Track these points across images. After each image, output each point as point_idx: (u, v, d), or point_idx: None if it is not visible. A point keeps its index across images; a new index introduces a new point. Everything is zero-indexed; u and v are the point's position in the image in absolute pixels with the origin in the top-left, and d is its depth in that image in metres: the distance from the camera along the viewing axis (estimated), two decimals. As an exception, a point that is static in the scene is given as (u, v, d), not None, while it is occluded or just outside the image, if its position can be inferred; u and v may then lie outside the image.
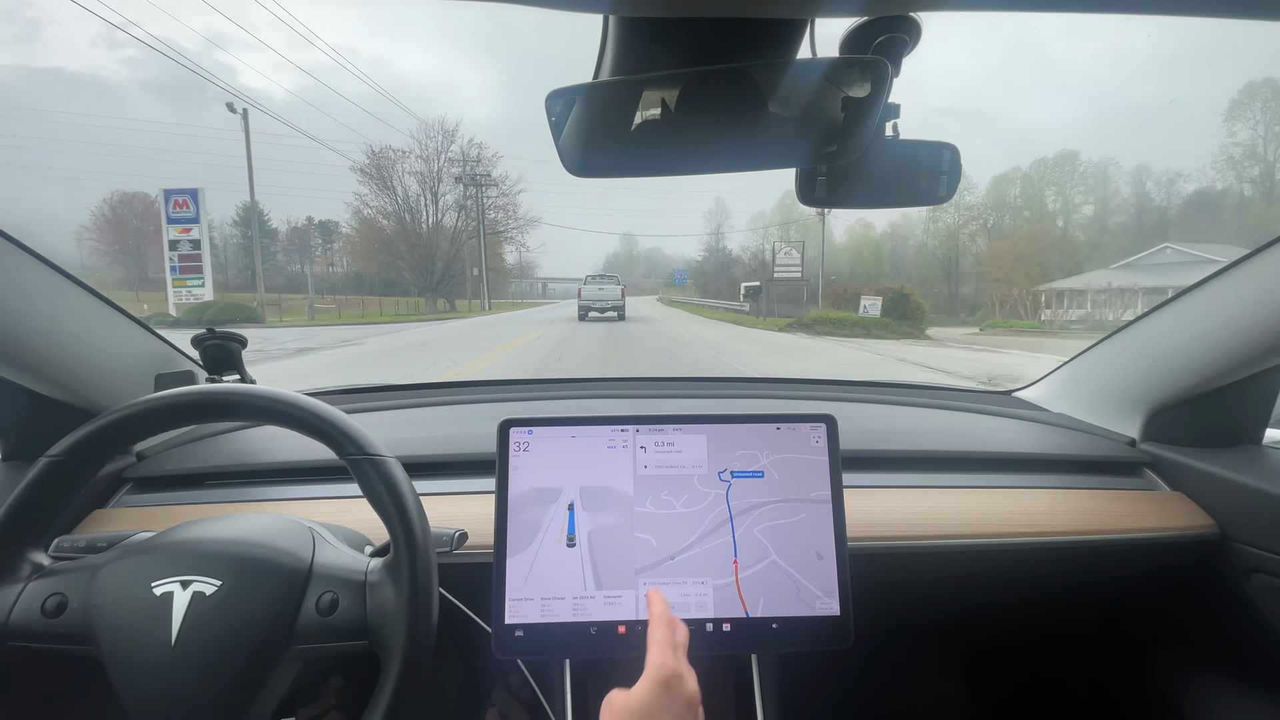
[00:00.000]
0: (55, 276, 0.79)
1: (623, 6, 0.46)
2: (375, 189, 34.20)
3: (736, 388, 1.40)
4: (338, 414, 0.58)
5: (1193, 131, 48.83)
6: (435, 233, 34.47)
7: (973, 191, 36.94)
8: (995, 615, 1.12)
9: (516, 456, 0.73)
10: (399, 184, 34.60)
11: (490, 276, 39.11)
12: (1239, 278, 0.82)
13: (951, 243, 35.49)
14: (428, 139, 35.97)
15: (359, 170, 33.80)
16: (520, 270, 58.00)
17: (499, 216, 37.42)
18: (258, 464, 0.95)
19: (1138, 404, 1.01)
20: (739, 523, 0.72)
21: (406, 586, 0.54)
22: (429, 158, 34.87)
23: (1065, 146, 44.10)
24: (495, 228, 36.71)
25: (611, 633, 0.69)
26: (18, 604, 0.54)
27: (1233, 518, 0.87)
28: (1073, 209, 35.62)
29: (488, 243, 36.09)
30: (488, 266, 36.23)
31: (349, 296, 37.63)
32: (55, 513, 0.57)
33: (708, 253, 53.72)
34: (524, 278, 55.62)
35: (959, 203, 35.21)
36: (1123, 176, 35.67)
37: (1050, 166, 37.29)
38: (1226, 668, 0.95)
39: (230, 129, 19.36)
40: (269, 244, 49.45)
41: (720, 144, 0.58)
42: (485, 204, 35.45)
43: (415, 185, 34.53)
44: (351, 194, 34.89)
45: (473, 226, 34.84)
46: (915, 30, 0.52)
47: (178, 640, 0.52)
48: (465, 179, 34.29)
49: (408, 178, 34.77)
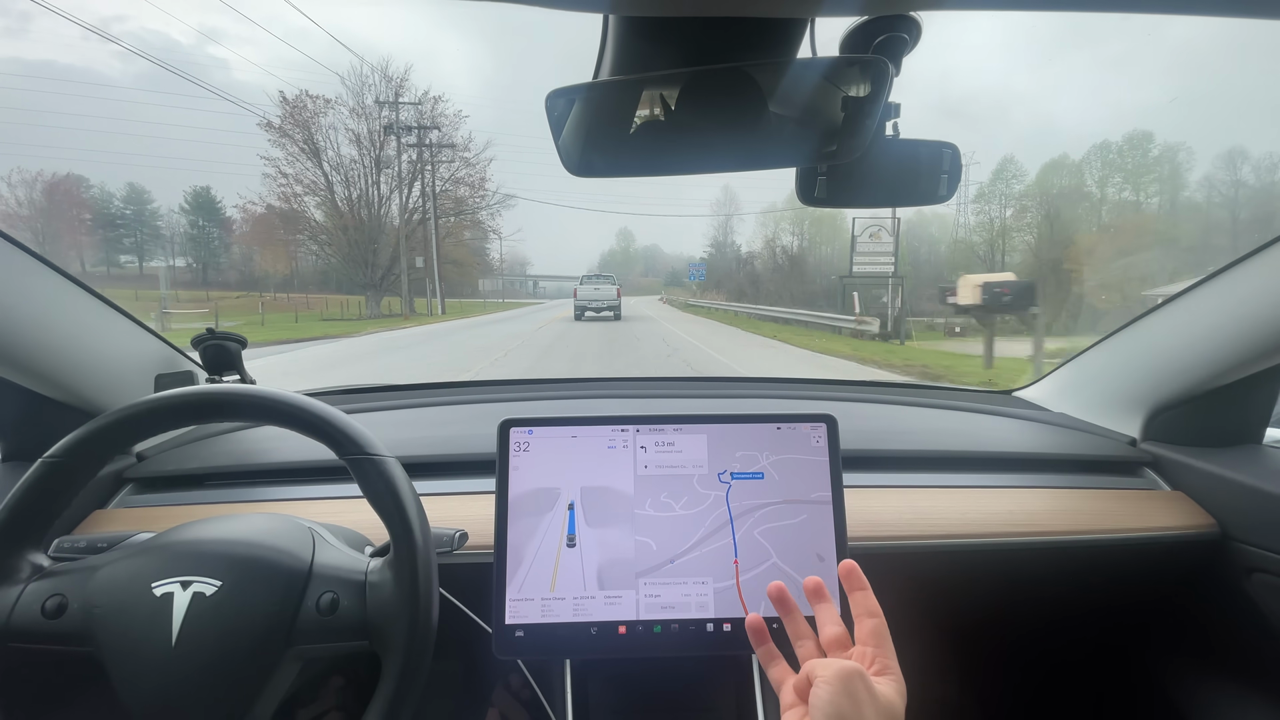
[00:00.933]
0: (55, 277, 0.79)
1: (622, 6, 0.46)
2: (294, 153, 25.60)
3: (737, 387, 1.40)
4: (337, 414, 0.58)
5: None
6: (376, 212, 26.48)
7: (1021, 179, 31.60)
8: (996, 615, 1.12)
9: (517, 456, 0.73)
10: (329, 146, 26.01)
11: (448, 271, 30.03)
12: (1240, 277, 0.82)
13: (997, 236, 29.52)
14: (364, 89, 26.46)
15: (267, 126, 24.54)
16: (493, 263, 46.80)
17: (464, 193, 28.77)
18: (258, 464, 0.95)
19: (1138, 403, 1.01)
20: (739, 525, 0.72)
21: (407, 586, 0.54)
22: (369, 114, 26.06)
23: (1136, 127, 33.88)
24: (459, 207, 28.89)
25: (612, 633, 0.69)
26: (18, 605, 0.54)
27: (1233, 517, 0.87)
28: (1149, 197, 29.45)
29: (447, 227, 28.54)
30: (445, 258, 27.84)
31: (275, 295, 30.51)
32: (54, 514, 0.57)
33: (714, 248, 47.72)
34: (497, 273, 45.39)
35: (1005, 191, 30.55)
36: (1206, 162, 29.43)
37: (1117, 151, 30.46)
38: (1227, 667, 0.95)
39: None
40: (224, 234, 42.35)
41: (720, 144, 0.57)
42: (444, 176, 27.44)
43: (352, 150, 26.49)
44: (278, 163, 25.03)
45: (440, 207, 27.29)
46: (915, 30, 0.52)
47: (178, 641, 0.52)
48: (399, 129, 25.50)
49: (340, 139, 26.55)
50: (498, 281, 36.25)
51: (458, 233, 30.72)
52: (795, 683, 0.49)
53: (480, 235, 33.51)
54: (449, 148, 27.36)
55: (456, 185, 28.71)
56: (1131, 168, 30.06)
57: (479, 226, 31.32)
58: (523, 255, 78.61)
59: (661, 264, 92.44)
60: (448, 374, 8.59)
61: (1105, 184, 30.12)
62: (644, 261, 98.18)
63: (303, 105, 25.45)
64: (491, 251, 47.60)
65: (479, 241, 37.36)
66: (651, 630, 0.69)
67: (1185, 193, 28.16)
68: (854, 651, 0.50)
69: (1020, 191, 29.92)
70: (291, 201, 26.19)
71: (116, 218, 43.50)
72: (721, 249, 46.35)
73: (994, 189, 30.29)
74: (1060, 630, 1.18)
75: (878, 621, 0.50)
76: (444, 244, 27.88)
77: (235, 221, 31.27)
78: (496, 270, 43.11)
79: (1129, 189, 30.16)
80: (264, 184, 26.01)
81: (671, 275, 76.35)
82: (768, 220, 39.43)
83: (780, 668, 0.53)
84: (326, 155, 25.92)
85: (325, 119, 25.82)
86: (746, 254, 38.90)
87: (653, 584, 0.70)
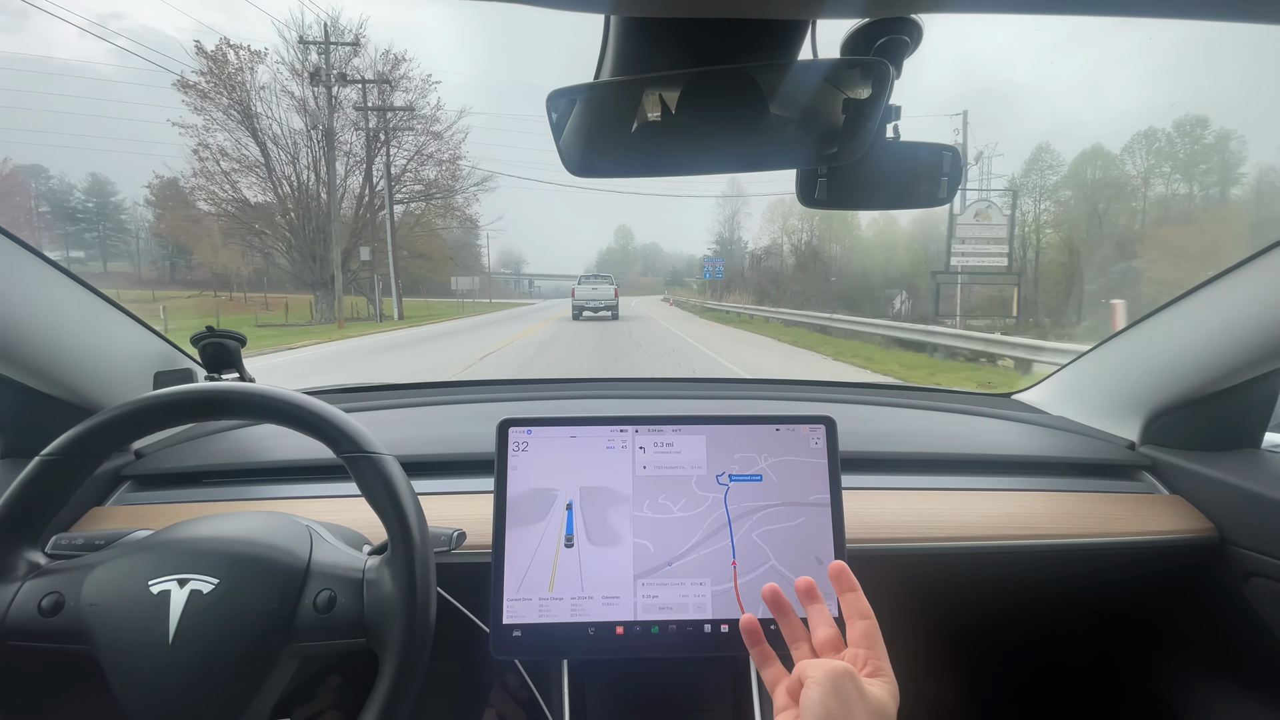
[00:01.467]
0: (55, 274, 0.79)
1: (623, 7, 0.46)
2: (220, 119, 19.06)
3: (736, 389, 1.40)
4: (334, 411, 0.58)
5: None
6: (322, 195, 20.02)
7: (1056, 169, 26.82)
8: (994, 618, 1.12)
9: (515, 456, 0.73)
10: (265, 113, 19.58)
11: (417, 266, 25.73)
12: (1238, 281, 0.82)
13: (1031, 233, 23.51)
14: (309, 47, 19.72)
15: (184, 86, 18.22)
16: (478, 258, 41.05)
17: (432, 174, 22.53)
18: (256, 462, 0.94)
19: (1137, 407, 1.01)
20: (737, 527, 0.72)
21: (404, 584, 0.54)
22: (317, 76, 19.33)
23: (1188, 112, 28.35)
24: (427, 191, 22.94)
25: (609, 633, 0.69)
26: (14, 603, 0.54)
27: (1231, 522, 0.87)
28: (1207, 189, 24.50)
29: (414, 215, 23.47)
30: (411, 250, 23.52)
31: (232, 295, 25.26)
32: (52, 511, 0.57)
33: (719, 244, 42.25)
34: (476, 270, 38.05)
35: (1038, 184, 26.34)
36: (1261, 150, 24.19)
37: (1166, 139, 25.52)
38: (1224, 671, 0.95)
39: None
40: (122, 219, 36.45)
41: (721, 145, 0.57)
42: (409, 149, 21.61)
43: (300, 120, 19.94)
44: (199, 133, 19.01)
45: (401, 190, 21.45)
46: (917, 32, 0.52)
47: (175, 639, 0.52)
48: (329, 76, 18.87)
49: (278, 104, 19.67)
50: (475, 280, 30.16)
51: (427, 221, 24.88)
52: (788, 684, 0.49)
53: (460, 224, 26.43)
54: (405, 110, 20.93)
55: (423, 163, 22.48)
56: (1184, 156, 25.51)
57: (454, 213, 24.83)
58: (518, 253, 75.73)
59: (661, 263, 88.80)
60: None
61: (1152, 174, 26.01)
62: (643, 260, 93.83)
63: (224, 58, 18.97)
64: (474, 244, 41.09)
65: (459, 232, 30.43)
66: (649, 631, 0.69)
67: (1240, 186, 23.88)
68: (846, 653, 0.50)
69: (1055, 183, 25.68)
70: (218, 181, 19.54)
71: (77, 211, 38.54)
72: (728, 246, 41.24)
73: (1027, 181, 25.78)
74: (1058, 633, 1.18)
75: (869, 623, 0.50)
76: (409, 234, 23.42)
77: (158, 207, 23.33)
78: (476, 267, 37.31)
79: (1180, 180, 25.79)
80: (190, 161, 19.26)
81: (672, 275, 73.37)
82: (775, 215, 34.67)
83: (774, 669, 0.53)
84: (261, 124, 19.52)
85: (257, 77, 19.69)
86: (760, 249, 34.18)
87: (650, 585, 0.70)
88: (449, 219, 25.43)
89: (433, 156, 22.63)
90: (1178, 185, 25.91)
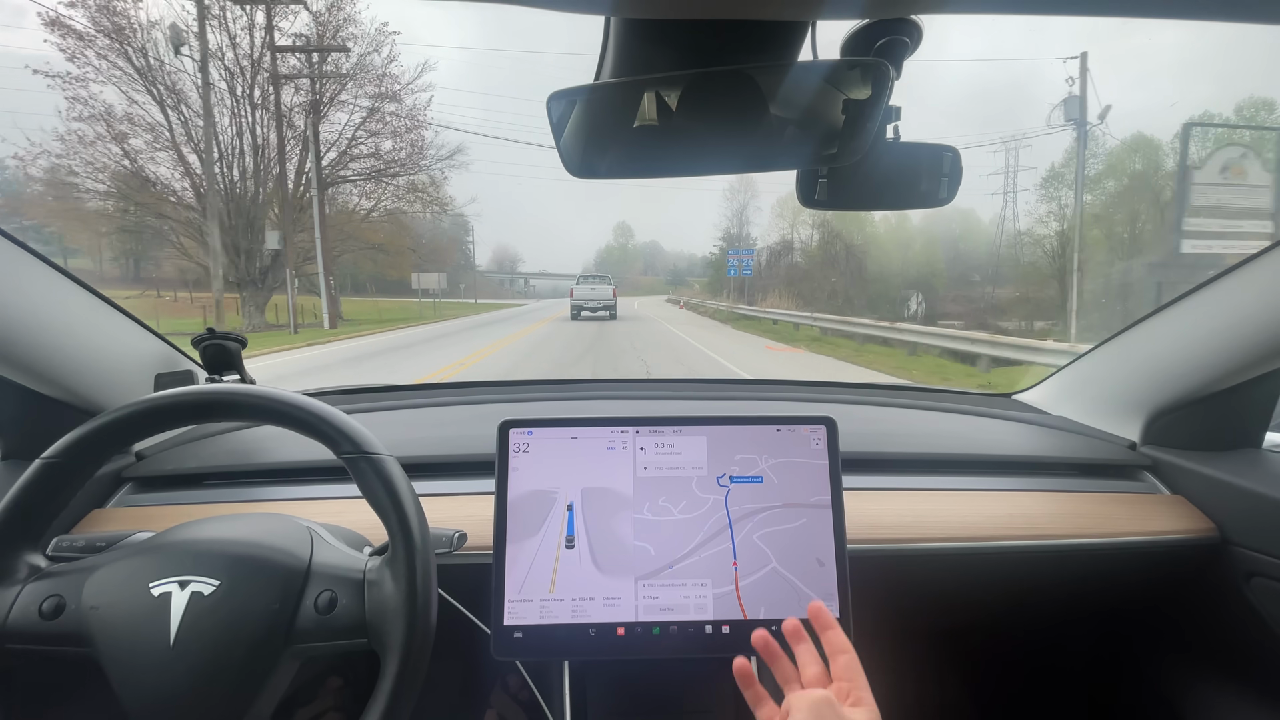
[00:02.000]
0: (55, 276, 0.79)
1: (624, 8, 0.46)
2: (103, 68, 13.15)
3: (736, 389, 1.40)
4: (334, 412, 0.58)
5: None
6: (245, 168, 14.77)
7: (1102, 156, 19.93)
8: (995, 618, 1.12)
9: (516, 457, 0.73)
10: (174, 70, 13.69)
11: (371, 261, 19.98)
12: (1239, 281, 0.82)
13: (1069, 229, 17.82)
14: None
15: (53, 24, 12.57)
16: (456, 251, 33.93)
17: (391, 146, 16.73)
18: (257, 464, 0.95)
19: (1138, 407, 1.01)
20: (738, 529, 0.72)
21: (405, 584, 0.54)
22: (245, 29, 14.25)
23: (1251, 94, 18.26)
24: (379, 160, 16.79)
25: (610, 635, 0.69)
26: (15, 606, 0.54)
27: (1233, 521, 0.87)
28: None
29: (371, 198, 17.19)
30: (366, 243, 18.07)
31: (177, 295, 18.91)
32: (52, 515, 0.57)
33: (726, 241, 36.28)
34: (448, 265, 29.48)
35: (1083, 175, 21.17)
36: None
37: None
38: (1226, 671, 0.94)
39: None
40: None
41: (721, 146, 0.58)
42: (355, 111, 15.76)
43: (218, 77, 13.68)
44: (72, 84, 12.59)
45: (347, 167, 16.11)
46: (916, 33, 0.52)
47: (176, 640, 0.52)
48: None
49: (181, 53, 13.07)
50: (440, 277, 20.65)
51: (385, 205, 18.29)
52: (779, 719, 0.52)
53: (426, 208, 19.12)
54: (337, 50, 15.07)
55: (375, 131, 16.56)
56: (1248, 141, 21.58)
57: (419, 195, 18.19)
58: (513, 251, 72.84)
59: (662, 262, 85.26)
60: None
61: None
62: (643, 259, 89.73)
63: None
64: (464, 240, 35.62)
65: (431, 221, 23.27)
66: (650, 632, 0.69)
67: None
68: (831, 686, 0.53)
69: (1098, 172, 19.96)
70: (98, 148, 13.50)
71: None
72: (735, 242, 35.52)
73: (1067, 171, 20.40)
74: (1059, 634, 1.18)
75: (849, 656, 0.54)
76: (360, 224, 17.71)
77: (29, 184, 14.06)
78: (443, 262, 26.73)
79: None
80: (62, 121, 13.01)
81: (674, 274, 70.80)
82: (785, 210, 30.34)
83: (768, 709, 0.55)
84: (160, 78, 13.89)
85: (144, 14, 13.85)
86: (778, 244, 29.30)
87: (651, 586, 0.70)
88: (414, 203, 18.67)
89: (388, 124, 16.60)
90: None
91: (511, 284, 62.16)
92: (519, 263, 70.22)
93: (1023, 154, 24.50)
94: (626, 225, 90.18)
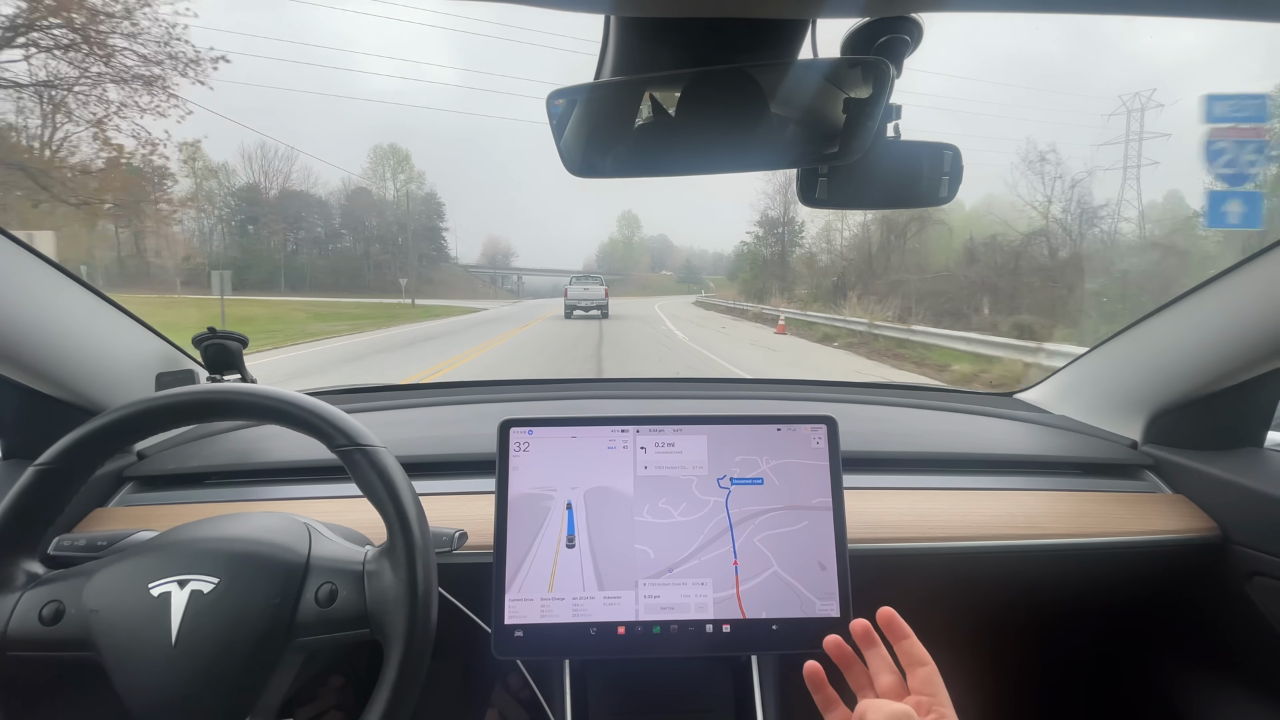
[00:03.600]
0: (57, 275, 0.79)
1: (624, 6, 0.46)
2: None
3: (737, 389, 1.40)
4: (328, 408, 0.58)
5: None
6: None
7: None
8: (996, 618, 1.12)
9: (516, 456, 0.73)
10: None
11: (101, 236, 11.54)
12: (1240, 280, 0.81)
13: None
14: None
15: None
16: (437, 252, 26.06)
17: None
18: (259, 463, 0.95)
19: (1139, 406, 1.01)
20: (739, 531, 0.71)
21: (405, 573, 0.54)
22: None
23: None
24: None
25: (611, 634, 0.69)
26: (14, 614, 0.54)
27: (1234, 520, 0.87)
28: None
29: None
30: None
31: None
32: (49, 520, 0.57)
33: (763, 226, 24.46)
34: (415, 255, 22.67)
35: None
36: None
37: None
38: (1228, 670, 0.94)
39: None
40: None
41: (721, 144, 0.57)
42: None
43: None
44: None
45: None
46: (917, 31, 0.52)
47: (178, 639, 0.52)
48: None
49: None
50: (225, 274, 9.72)
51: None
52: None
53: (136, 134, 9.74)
54: None
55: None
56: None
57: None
58: (505, 244, 62.11)
59: (673, 258, 73.91)
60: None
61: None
62: (653, 254, 76.24)
63: None
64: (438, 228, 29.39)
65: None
66: (651, 631, 0.69)
67: None
68: (909, 699, 0.49)
69: None
70: None
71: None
72: (774, 230, 24.57)
73: None
74: (1060, 633, 1.18)
75: (928, 669, 0.50)
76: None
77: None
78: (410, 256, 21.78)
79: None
80: None
81: (688, 270, 63.54)
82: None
83: (839, 712, 0.52)
84: None
85: None
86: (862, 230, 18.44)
87: (652, 585, 0.70)
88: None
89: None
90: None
91: (503, 281, 52.88)
92: (512, 257, 60.33)
93: (1150, 116, 16.30)
94: (633, 215, 75.85)
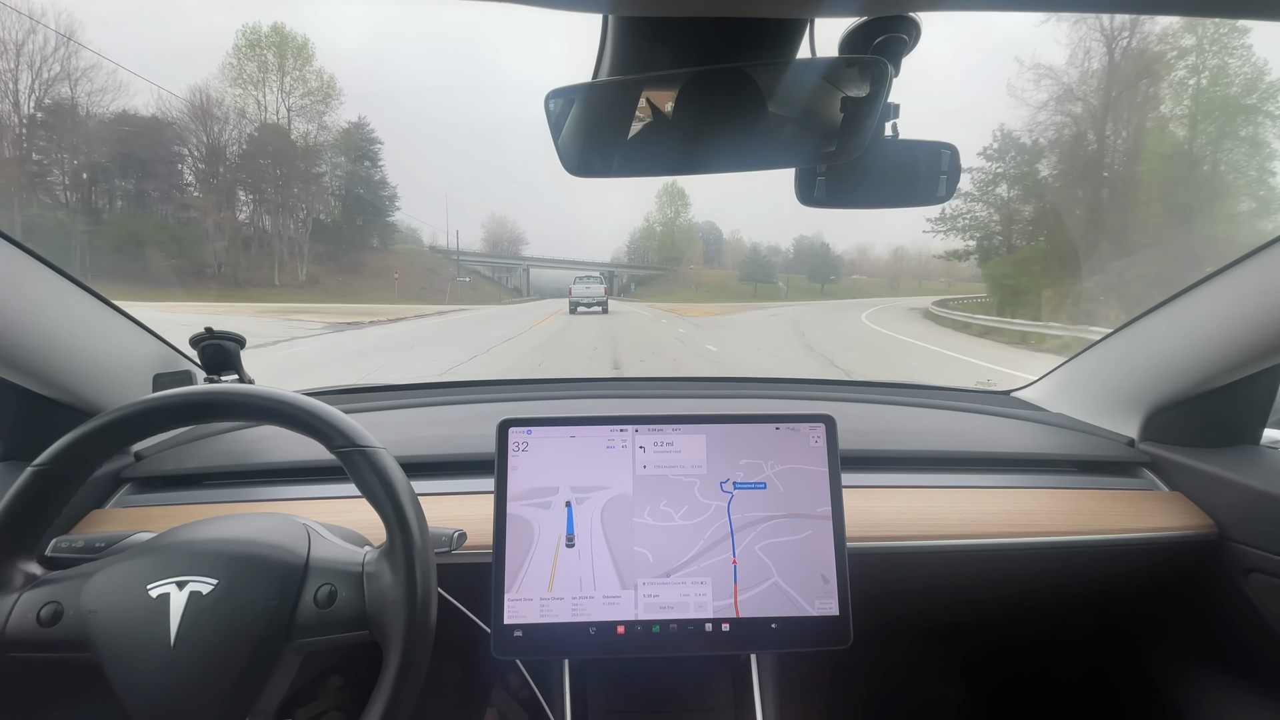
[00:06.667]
0: (54, 276, 0.79)
1: (622, 6, 0.46)
2: None
3: (736, 388, 1.40)
4: (326, 408, 0.58)
5: None
6: None
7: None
8: (994, 615, 1.12)
9: (515, 456, 0.73)
10: None
11: None
12: (1237, 278, 0.82)
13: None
14: None
15: None
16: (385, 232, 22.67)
17: None
18: (257, 464, 0.94)
19: (1136, 404, 1.02)
20: (740, 538, 0.71)
21: (404, 573, 0.54)
22: None
23: None
24: None
25: (610, 633, 0.69)
26: (13, 615, 0.54)
27: (1231, 517, 0.88)
28: None
29: None
30: None
31: None
32: (46, 521, 0.57)
33: (991, 159, 16.94)
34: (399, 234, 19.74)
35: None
36: None
37: None
38: (1225, 666, 0.95)
39: None
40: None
41: (720, 144, 0.57)
42: None
43: None
44: None
45: None
46: (915, 30, 0.52)
47: (177, 640, 0.52)
48: None
49: None
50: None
51: None
52: None
53: None
54: None
55: None
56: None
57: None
58: (514, 229, 50.62)
59: (732, 253, 54.77)
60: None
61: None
62: (707, 241, 56.89)
63: None
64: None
65: None
66: (650, 630, 0.69)
67: None
68: None
69: None
70: None
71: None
72: (1003, 157, 16.98)
73: None
74: (1058, 629, 1.18)
75: None
76: None
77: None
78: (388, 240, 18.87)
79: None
80: None
81: (754, 265, 49.10)
82: None
83: None
84: None
85: None
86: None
87: (651, 584, 0.70)
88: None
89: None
90: None
91: (506, 278, 40.71)
92: (522, 245, 48.09)
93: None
94: (678, 190, 52.97)
